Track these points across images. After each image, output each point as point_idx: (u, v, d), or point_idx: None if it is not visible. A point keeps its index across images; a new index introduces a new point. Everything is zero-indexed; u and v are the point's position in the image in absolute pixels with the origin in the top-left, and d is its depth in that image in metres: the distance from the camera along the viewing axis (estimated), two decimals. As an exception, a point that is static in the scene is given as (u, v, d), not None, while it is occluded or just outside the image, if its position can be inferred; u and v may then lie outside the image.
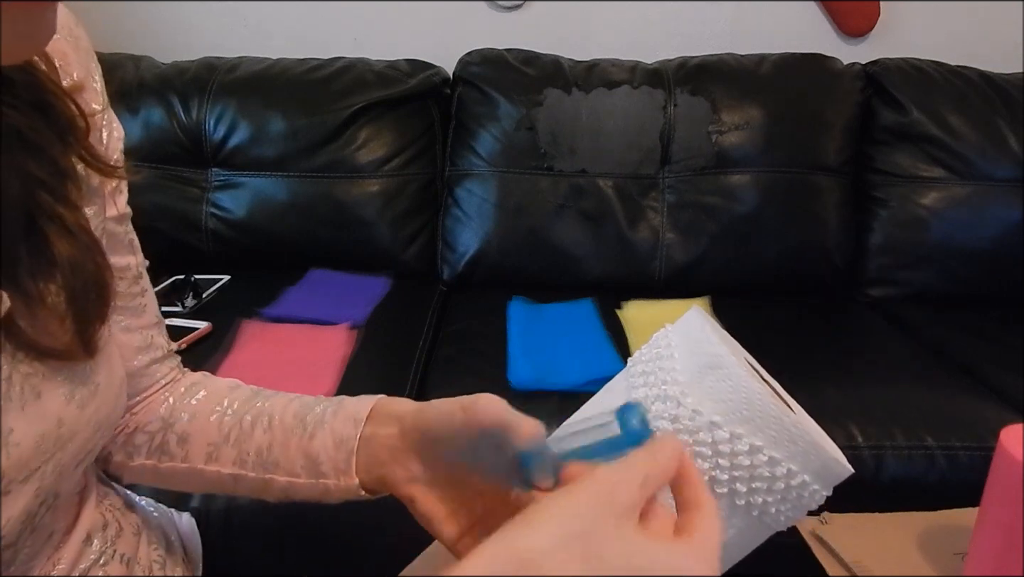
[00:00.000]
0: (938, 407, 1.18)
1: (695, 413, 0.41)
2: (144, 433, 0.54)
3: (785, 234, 1.58)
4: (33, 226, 0.38)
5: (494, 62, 1.63)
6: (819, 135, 1.59)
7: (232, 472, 0.52)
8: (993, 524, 0.56)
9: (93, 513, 0.49)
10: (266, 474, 0.51)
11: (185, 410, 0.55)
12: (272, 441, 0.52)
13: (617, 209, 1.56)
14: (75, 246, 0.39)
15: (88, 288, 0.40)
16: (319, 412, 0.51)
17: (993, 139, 1.56)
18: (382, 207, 1.57)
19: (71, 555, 0.45)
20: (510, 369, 1.20)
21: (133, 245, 0.52)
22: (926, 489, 1.11)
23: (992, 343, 1.38)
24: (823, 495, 0.42)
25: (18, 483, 0.37)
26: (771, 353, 1.35)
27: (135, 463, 0.54)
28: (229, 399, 0.55)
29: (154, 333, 0.55)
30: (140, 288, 0.53)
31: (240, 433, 0.53)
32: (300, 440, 0.51)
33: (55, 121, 0.40)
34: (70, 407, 0.40)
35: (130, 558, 0.50)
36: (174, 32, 1.79)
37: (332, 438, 0.50)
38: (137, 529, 0.53)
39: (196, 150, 1.57)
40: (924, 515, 0.69)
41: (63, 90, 0.41)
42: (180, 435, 0.54)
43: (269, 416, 0.53)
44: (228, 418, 0.53)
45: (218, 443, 0.53)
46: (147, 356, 0.54)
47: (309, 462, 0.50)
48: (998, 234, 1.55)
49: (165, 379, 0.56)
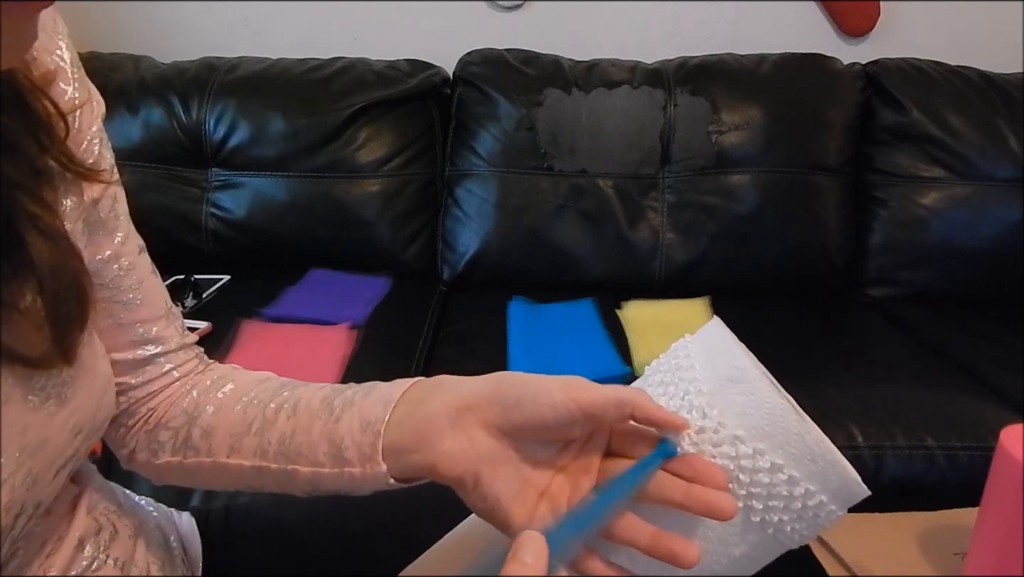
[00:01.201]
0: (938, 407, 1.18)
1: (720, 426, 0.40)
2: (167, 429, 0.53)
3: (785, 234, 1.58)
4: (10, 229, 0.36)
5: (494, 62, 1.63)
6: (819, 135, 1.59)
7: (254, 464, 0.50)
8: (993, 524, 0.56)
9: (86, 519, 0.48)
10: (289, 465, 0.48)
11: (211, 403, 0.52)
12: (296, 428, 0.49)
13: (617, 209, 1.56)
14: (53, 250, 0.38)
15: (67, 294, 0.39)
16: (349, 395, 0.48)
17: (993, 139, 1.56)
18: (382, 207, 1.57)
19: (62, 561, 0.45)
20: (510, 369, 1.20)
21: (119, 232, 0.49)
22: (926, 489, 1.11)
23: (992, 343, 1.38)
24: (838, 515, 0.41)
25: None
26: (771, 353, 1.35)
27: (160, 461, 0.53)
28: (257, 390, 0.53)
29: (157, 326, 0.52)
30: (133, 280, 0.50)
31: (263, 422, 0.50)
32: (325, 424, 0.47)
33: (31, 121, 0.39)
34: (38, 415, 0.38)
35: (125, 561, 0.50)
36: (174, 32, 1.79)
37: (359, 420, 0.46)
38: (133, 532, 0.53)
39: (196, 150, 1.57)
40: (924, 515, 0.69)
41: (40, 89, 0.39)
42: (204, 429, 0.51)
43: (295, 403, 0.50)
44: (252, 408, 0.51)
45: (240, 434, 0.50)
46: (148, 350, 0.52)
47: (333, 448, 0.47)
48: (998, 234, 1.55)
49: (178, 372, 0.54)
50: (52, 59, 0.44)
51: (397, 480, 0.45)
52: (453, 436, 0.42)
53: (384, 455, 0.44)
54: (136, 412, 0.53)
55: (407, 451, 0.44)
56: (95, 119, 0.47)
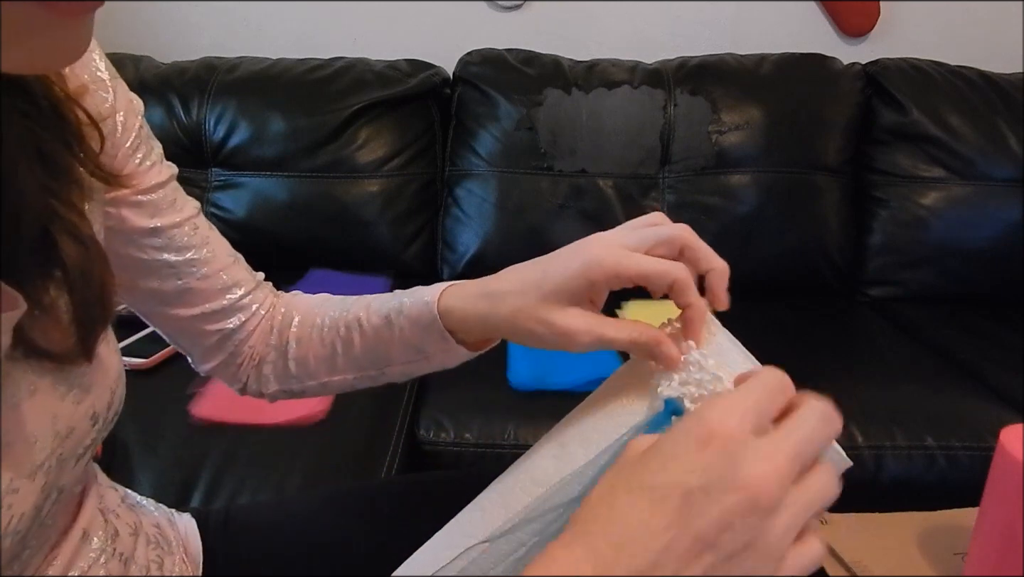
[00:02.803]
0: (938, 407, 1.18)
1: (716, 378, 0.41)
2: (267, 364, 0.62)
3: (785, 234, 1.58)
4: (44, 233, 0.38)
5: (494, 62, 1.63)
6: (819, 135, 1.59)
7: (355, 375, 0.59)
8: (993, 524, 0.56)
9: (91, 512, 0.49)
10: (384, 368, 0.58)
11: (291, 338, 0.61)
12: (374, 342, 0.57)
13: (617, 209, 1.56)
14: (84, 254, 0.40)
15: (94, 296, 0.41)
16: (397, 305, 0.56)
17: (993, 139, 1.56)
18: (382, 207, 1.57)
19: (68, 553, 0.45)
20: (510, 369, 1.20)
21: (177, 203, 0.55)
22: (926, 489, 1.11)
23: (992, 343, 1.38)
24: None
25: (25, 479, 0.37)
26: (771, 353, 1.34)
27: (271, 390, 0.62)
28: (320, 317, 0.61)
29: (234, 271, 0.59)
30: (201, 237, 0.56)
31: (344, 344, 0.58)
32: (394, 336, 0.56)
33: (64, 130, 0.40)
34: (64, 403, 0.40)
35: (127, 557, 0.50)
36: (174, 32, 1.79)
37: (420, 326, 0.54)
38: (134, 529, 0.53)
39: (196, 150, 1.57)
40: (924, 515, 0.69)
41: (73, 99, 0.41)
42: (296, 360, 0.60)
43: (358, 320, 0.58)
44: (327, 333, 0.59)
45: (330, 357, 0.59)
46: (236, 292, 0.59)
47: (412, 349, 0.56)
48: (998, 234, 1.55)
49: (263, 308, 0.62)
50: (89, 72, 0.48)
51: (472, 349, 0.55)
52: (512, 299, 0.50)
53: (456, 333, 0.53)
54: (240, 352, 0.61)
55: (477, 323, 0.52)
56: (137, 117, 0.52)
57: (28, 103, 0.37)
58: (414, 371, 0.58)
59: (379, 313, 0.57)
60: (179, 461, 0.99)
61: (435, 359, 0.56)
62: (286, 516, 0.67)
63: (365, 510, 0.66)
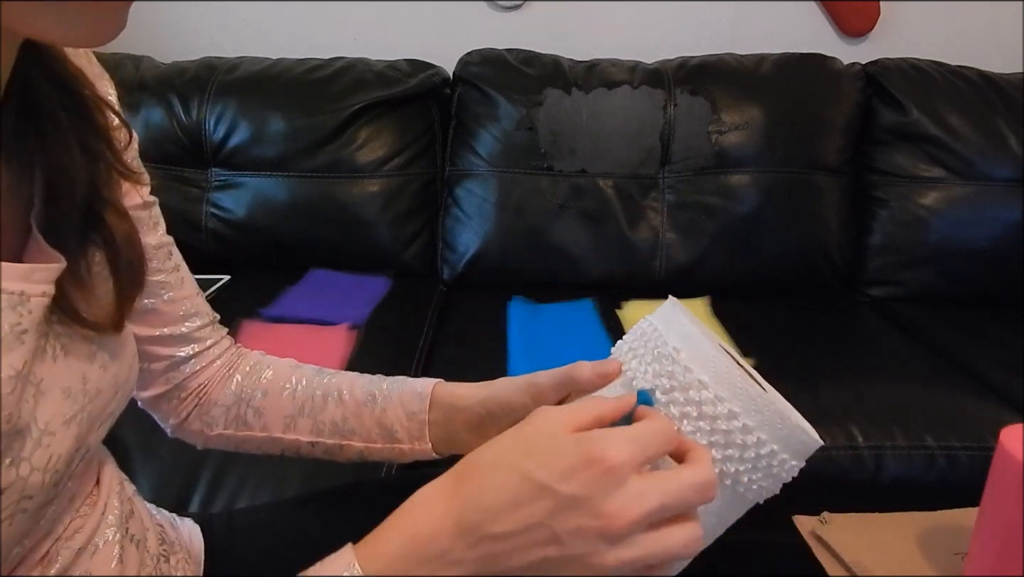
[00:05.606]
0: (938, 407, 1.18)
1: (687, 370, 0.43)
2: (220, 407, 0.63)
3: (785, 234, 1.58)
4: (89, 209, 0.42)
5: (494, 62, 1.63)
6: (819, 135, 1.59)
7: (310, 439, 0.62)
8: (993, 524, 0.56)
9: (108, 485, 0.49)
10: (343, 441, 0.61)
11: (257, 388, 0.63)
12: (346, 413, 0.60)
13: (617, 209, 1.56)
14: (127, 225, 0.45)
15: (132, 267, 0.45)
16: (386, 388, 0.60)
17: (993, 139, 1.56)
18: (382, 207, 1.57)
19: (91, 525, 0.46)
20: (510, 369, 1.20)
21: (159, 227, 0.58)
22: (926, 489, 1.11)
23: (992, 343, 1.38)
24: (793, 465, 0.43)
25: (61, 425, 0.39)
26: (771, 353, 1.35)
27: (214, 433, 0.63)
28: (296, 376, 0.63)
29: (198, 301, 0.62)
30: (173, 263, 0.59)
31: (313, 406, 0.61)
32: (373, 412, 0.59)
33: (97, 129, 0.45)
34: (93, 366, 0.43)
35: (140, 540, 0.51)
36: (174, 32, 1.79)
37: (403, 411, 0.59)
38: (145, 520, 0.54)
39: (196, 150, 1.57)
40: (924, 515, 0.69)
41: (104, 102, 0.46)
42: (256, 409, 0.62)
43: (338, 390, 0.61)
44: (300, 392, 0.62)
45: (294, 415, 0.61)
46: (195, 322, 0.61)
47: (384, 431, 0.59)
48: (998, 234, 1.55)
49: (217, 346, 0.63)
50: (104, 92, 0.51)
51: (438, 454, 0.59)
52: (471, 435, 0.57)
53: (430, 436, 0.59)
54: (187, 386, 0.62)
55: (443, 440, 0.58)
56: (133, 150, 0.56)
57: (75, 103, 0.43)
58: (372, 455, 0.61)
59: (364, 389, 0.61)
60: (179, 462, 0.99)
61: (401, 445, 0.60)
62: (288, 519, 0.67)
63: (365, 510, 0.66)
